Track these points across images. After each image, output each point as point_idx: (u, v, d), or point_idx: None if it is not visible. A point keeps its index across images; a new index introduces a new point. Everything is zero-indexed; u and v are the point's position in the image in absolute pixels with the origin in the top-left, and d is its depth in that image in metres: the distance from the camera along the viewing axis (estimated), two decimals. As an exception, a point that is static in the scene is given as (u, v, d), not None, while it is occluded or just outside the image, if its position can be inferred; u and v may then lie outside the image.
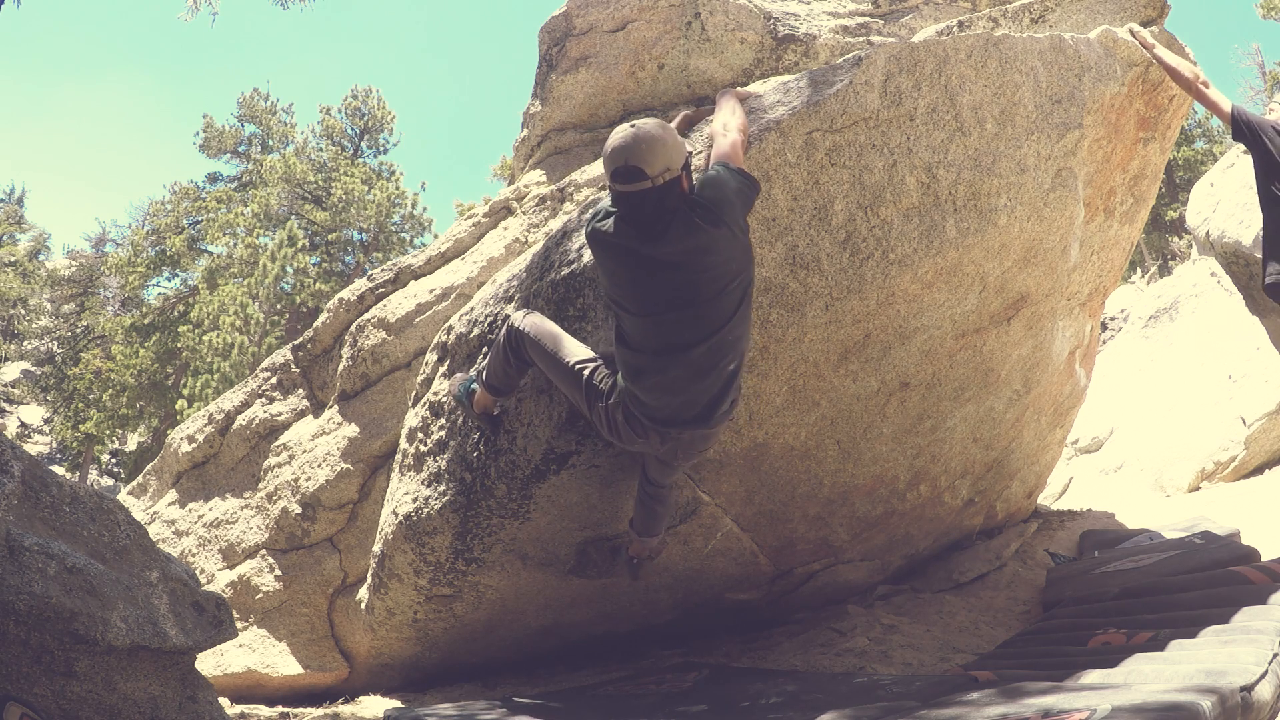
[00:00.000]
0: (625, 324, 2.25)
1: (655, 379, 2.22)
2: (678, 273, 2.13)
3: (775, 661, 3.50)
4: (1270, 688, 2.08)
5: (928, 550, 4.42)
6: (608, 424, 2.38)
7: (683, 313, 2.16)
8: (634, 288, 2.18)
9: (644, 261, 2.14)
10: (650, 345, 2.21)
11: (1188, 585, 3.35)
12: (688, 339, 2.18)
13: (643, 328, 2.20)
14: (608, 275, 2.26)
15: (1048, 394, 4.09)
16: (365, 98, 23.99)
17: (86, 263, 26.44)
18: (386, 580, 3.54)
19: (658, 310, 2.17)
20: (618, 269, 2.20)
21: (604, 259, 2.24)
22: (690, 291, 2.15)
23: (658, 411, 2.27)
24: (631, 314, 2.21)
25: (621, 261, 2.18)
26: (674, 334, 2.18)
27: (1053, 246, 3.20)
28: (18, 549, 1.74)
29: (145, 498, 5.33)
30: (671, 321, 2.17)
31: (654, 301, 2.17)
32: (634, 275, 2.17)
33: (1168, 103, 3.59)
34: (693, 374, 2.22)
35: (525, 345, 2.50)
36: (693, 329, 2.18)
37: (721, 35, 4.98)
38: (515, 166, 6.00)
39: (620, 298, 2.23)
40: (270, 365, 5.10)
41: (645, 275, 2.15)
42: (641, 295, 2.18)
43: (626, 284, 2.19)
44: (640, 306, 2.18)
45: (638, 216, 2.12)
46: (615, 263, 2.20)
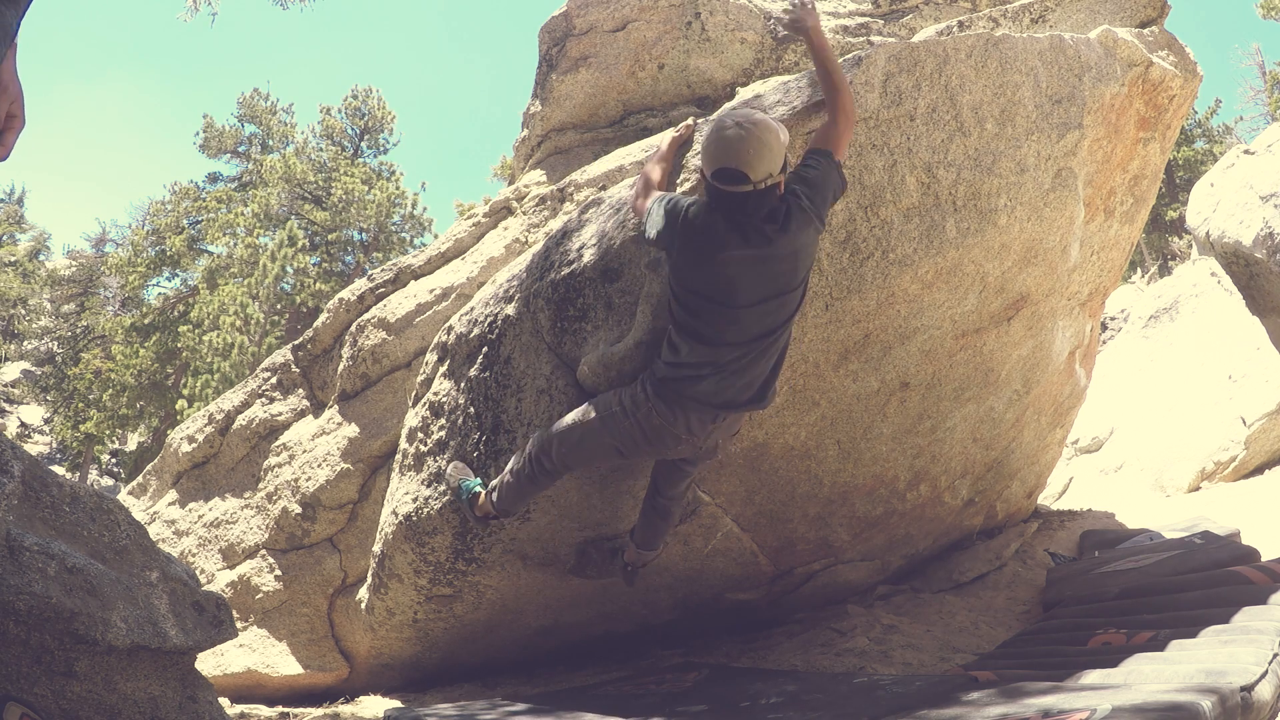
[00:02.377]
0: (707, 322, 2.20)
1: (721, 365, 2.22)
2: (769, 266, 2.14)
3: (775, 661, 3.50)
4: (1270, 688, 2.08)
5: (928, 550, 4.42)
6: (642, 433, 2.38)
7: (769, 303, 2.18)
8: (723, 282, 2.15)
9: (737, 257, 2.12)
10: (733, 337, 2.20)
11: (1188, 585, 3.35)
12: (769, 326, 2.21)
13: (727, 320, 2.18)
14: (689, 265, 2.19)
15: (1048, 394, 4.09)
16: (365, 98, 23.99)
17: (86, 263, 26.44)
18: (386, 580, 3.54)
19: (748, 303, 2.16)
20: (704, 262, 2.16)
21: (690, 250, 2.18)
22: (779, 283, 2.17)
23: (714, 396, 2.25)
24: (717, 306, 2.17)
25: (711, 255, 2.14)
26: (759, 324, 2.19)
27: (1053, 246, 3.20)
28: (18, 549, 1.74)
29: (145, 498, 5.33)
30: (759, 313, 2.18)
31: (746, 294, 2.15)
32: (724, 269, 2.14)
33: (1168, 103, 3.59)
34: (756, 358, 2.24)
35: (553, 445, 2.53)
36: (774, 317, 2.21)
37: (722, 35, 4.98)
38: (515, 166, 6.00)
39: (703, 289, 2.18)
40: (270, 365, 5.10)
41: (738, 270, 2.13)
42: (732, 289, 2.15)
43: (713, 277, 2.15)
44: (730, 299, 2.16)
45: (734, 214, 2.12)
46: (703, 256, 2.15)
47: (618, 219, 2.77)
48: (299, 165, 21.01)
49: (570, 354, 2.84)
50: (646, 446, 2.43)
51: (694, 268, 2.19)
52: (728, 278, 2.15)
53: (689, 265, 2.19)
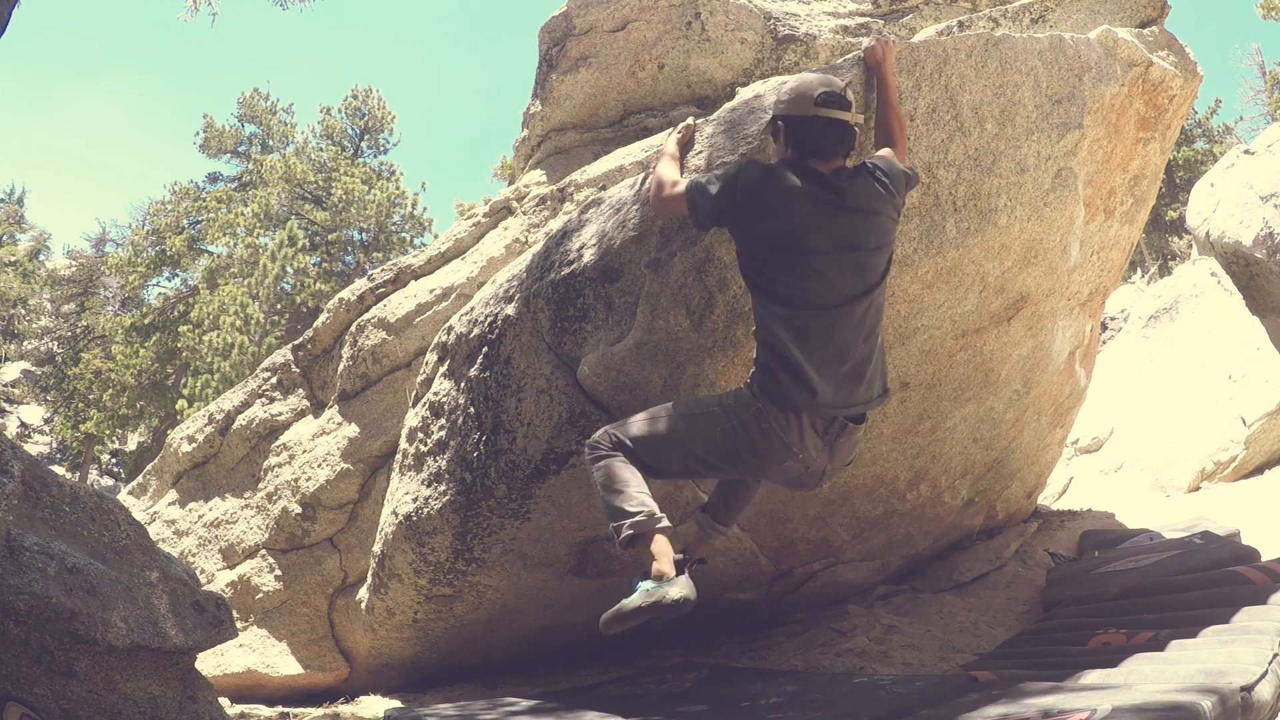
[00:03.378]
0: (785, 279, 2.08)
1: (821, 339, 2.06)
2: (852, 215, 2.07)
3: (775, 661, 3.50)
4: (1270, 688, 2.08)
5: (928, 550, 4.42)
6: (747, 438, 2.12)
7: (851, 255, 2.08)
8: (804, 235, 2.06)
9: (821, 204, 2.06)
10: (814, 298, 2.06)
11: (1188, 585, 3.35)
12: (853, 288, 2.08)
13: (810, 275, 2.06)
14: (755, 219, 2.10)
15: (1048, 394, 4.09)
16: (365, 98, 23.99)
17: (86, 263, 26.44)
18: (386, 580, 3.54)
19: (829, 250, 2.06)
20: (770, 211, 2.08)
21: (754, 204, 2.09)
22: (860, 235, 2.09)
23: (825, 389, 2.07)
24: (788, 254, 2.07)
25: (778, 200, 2.07)
26: (841, 281, 2.07)
27: (1053, 246, 3.20)
28: (18, 549, 1.74)
29: (145, 498, 5.33)
30: (840, 266, 2.07)
31: (826, 242, 2.06)
32: (807, 222, 2.06)
33: (1168, 103, 3.59)
34: (855, 330, 2.10)
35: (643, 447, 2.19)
36: (857, 278, 2.09)
37: (721, 35, 4.98)
38: (515, 166, 6.00)
39: (770, 237, 2.09)
40: (270, 365, 5.10)
41: (819, 220, 2.06)
42: (811, 240, 2.06)
43: (796, 232, 2.06)
44: (800, 243, 2.06)
45: (829, 153, 2.10)
46: (767, 205, 2.08)
47: (618, 219, 2.77)
48: (299, 165, 21.01)
49: (570, 354, 2.84)
50: (751, 459, 2.17)
51: (759, 219, 2.09)
52: (795, 221, 2.06)
53: (754, 220, 2.10)
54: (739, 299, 2.58)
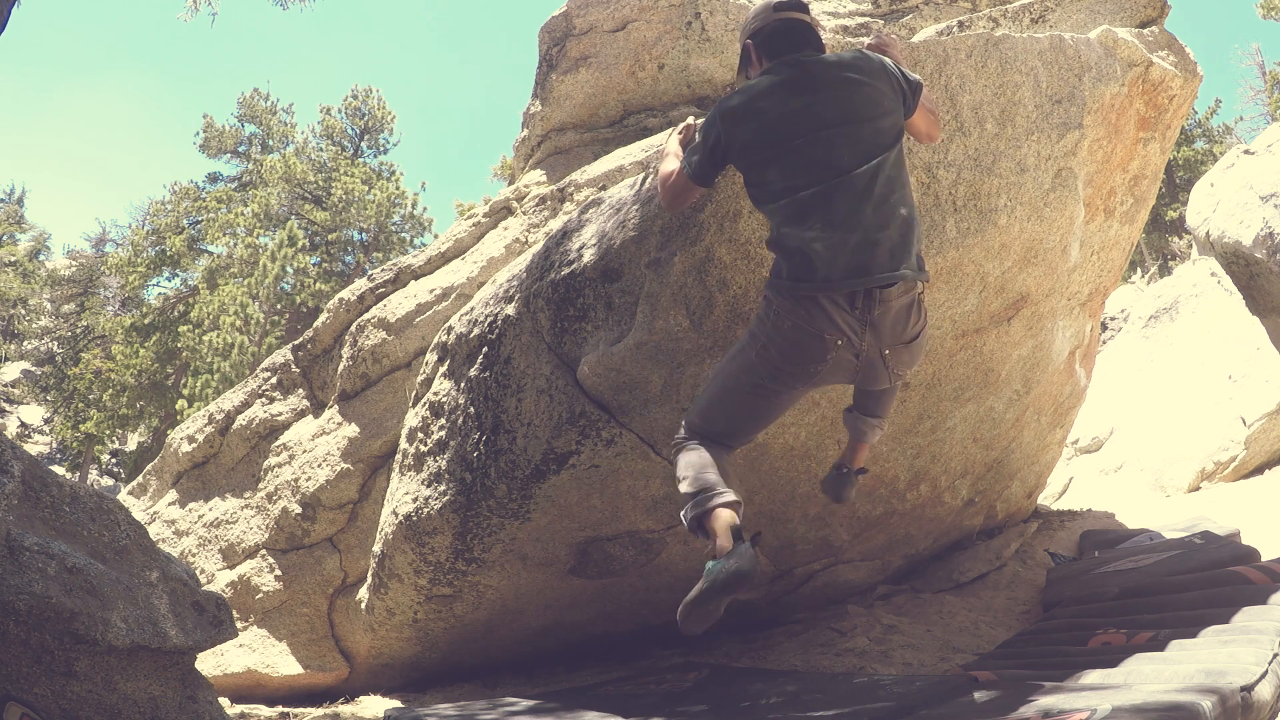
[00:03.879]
0: (777, 174, 2.04)
1: (821, 214, 1.96)
2: (834, 89, 2.03)
3: (775, 661, 3.50)
4: (1270, 688, 2.09)
5: (928, 550, 4.42)
6: (780, 348, 2.04)
7: (842, 129, 2.00)
8: (786, 121, 2.02)
9: (797, 88, 2.04)
10: (807, 176, 1.99)
11: (1188, 585, 3.35)
12: (847, 160, 1.99)
13: (798, 159, 2.01)
14: (743, 132, 2.07)
15: (1048, 394, 4.09)
16: (365, 98, 23.99)
17: (86, 263, 26.44)
18: (386, 580, 3.54)
19: (811, 130, 2.00)
20: (753, 114, 2.05)
21: (737, 120, 2.08)
22: (847, 106, 2.02)
23: (834, 262, 1.94)
24: (784, 147, 2.02)
25: (772, 101, 2.04)
26: (833, 156, 1.99)
27: (1053, 246, 3.20)
28: (18, 549, 1.74)
29: (145, 498, 5.33)
30: (829, 142, 2.00)
31: (809, 122, 2.01)
32: (786, 108, 2.03)
33: (1168, 103, 3.59)
34: (860, 199, 1.97)
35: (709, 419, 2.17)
36: (852, 149, 2.00)
37: (721, 35, 4.98)
38: (515, 166, 6.00)
39: (769, 138, 2.04)
40: (270, 365, 5.10)
41: (798, 103, 2.02)
42: (794, 123, 2.02)
43: (777, 121, 2.03)
44: (793, 132, 2.01)
45: (794, 45, 2.13)
46: (749, 112, 2.06)
47: (618, 219, 2.77)
48: (299, 165, 21.01)
49: (570, 354, 2.84)
50: (792, 365, 2.05)
51: (743, 130, 2.07)
52: (773, 113, 2.03)
53: (741, 134, 2.07)
54: (739, 299, 2.58)
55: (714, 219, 2.52)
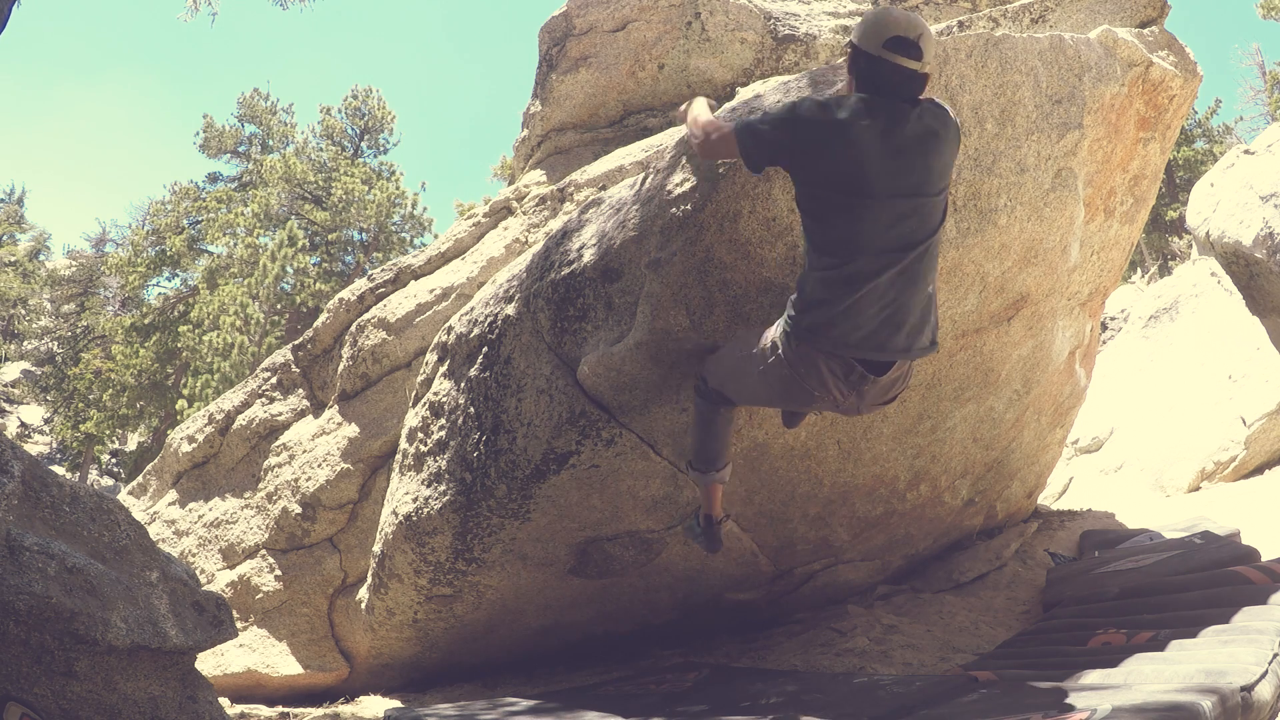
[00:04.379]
0: (842, 219, 2.00)
1: (867, 286, 1.98)
2: (916, 157, 2.00)
3: (775, 661, 3.50)
4: (1270, 688, 2.08)
5: (928, 550, 4.42)
6: (779, 379, 2.15)
7: (912, 201, 2.00)
8: (869, 169, 1.97)
9: (890, 141, 1.97)
10: (873, 243, 1.98)
11: (1188, 585, 3.35)
12: (910, 236, 2.01)
13: (868, 219, 1.98)
14: (814, 155, 2.01)
15: (1048, 394, 4.09)
16: (365, 98, 23.99)
17: (86, 263, 26.43)
18: (386, 580, 3.54)
19: (890, 195, 1.98)
20: (829, 147, 1.99)
21: (813, 139, 2.00)
22: (922, 178, 2.01)
23: (857, 334, 2.01)
24: (859, 199, 1.98)
25: (858, 143, 1.97)
26: (899, 227, 2.00)
27: (1053, 246, 3.20)
28: (18, 549, 1.74)
29: (145, 498, 5.33)
30: (900, 211, 2.00)
31: (888, 184, 1.98)
32: (871, 157, 1.97)
33: (1168, 103, 3.59)
34: (906, 283, 2.02)
35: (709, 375, 2.40)
36: (916, 225, 2.02)
37: (721, 35, 4.98)
38: (515, 166, 6.00)
39: (845, 185, 1.99)
40: (270, 365, 5.10)
41: (887, 160, 1.97)
42: (877, 176, 1.97)
43: (860, 167, 1.97)
44: (873, 188, 1.97)
45: (895, 95, 2.01)
46: (849, 145, 1.97)
47: (618, 219, 2.77)
48: (299, 165, 21.01)
49: (570, 354, 2.84)
50: (784, 397, 2.24)
51: (819, 156, 2.01)
52: (855, 158, 1.96)
53: (814, 157, 2.01)
54: (739, 299, 2.58)
55: (714, 219, 2.52)
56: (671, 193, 2.58)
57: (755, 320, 2.61)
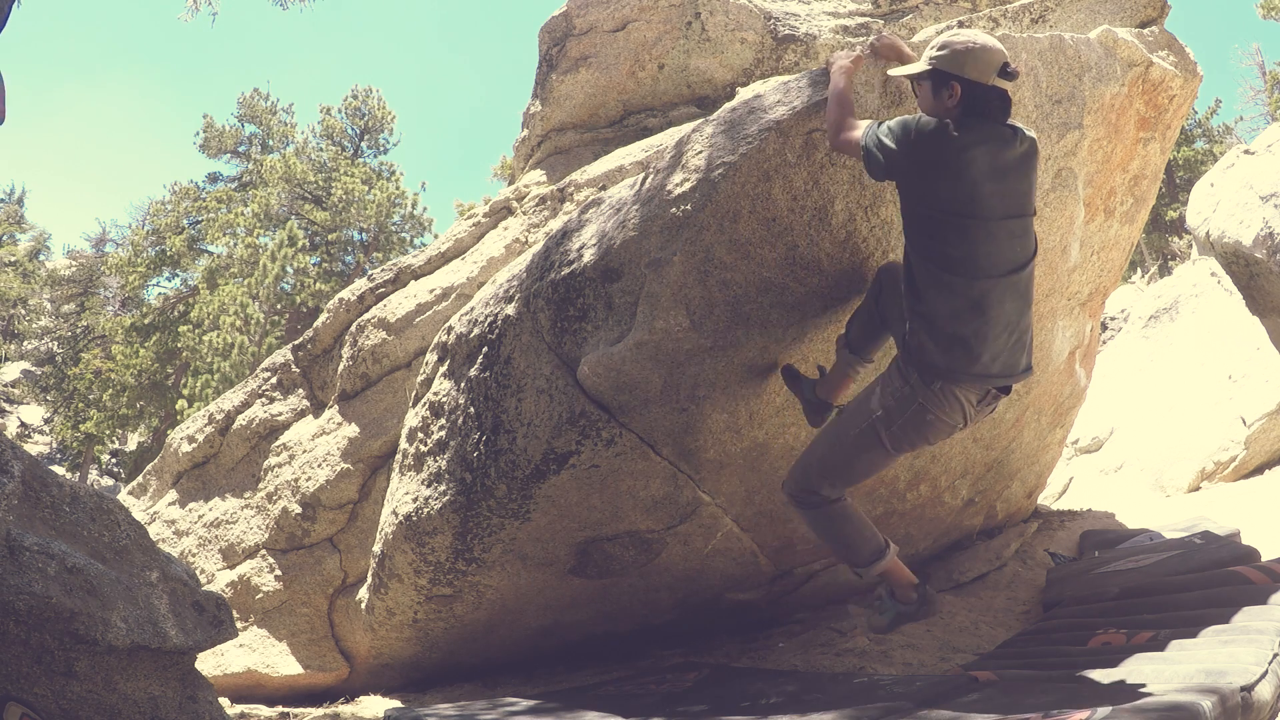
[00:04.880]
0: (960, 245, 2.04)
1: (994, 311, 2.04)
2: (1020, 179, 2.08)
3: (775, 661, 3.50)
4: (1270, 688, 2.08)
5: (928, 550, 4.42)
6: (916, 429, 2.18)
7: (1013, 222, 2.07)
8: (966, 187, 2.02)
9: (999, 164, 2.04)
10: (993, 265, 2.04)
11: (1188, 585, 3.35)
12: (1020, 255, 2.08)
13: (985, 240, 2.03)
14: (930, 179, 2.05)
15: (1048, 394, 4.09)
16: (365, 98, 23.98)
17: (86, 263, 26.43)
18: (386, 580, 3.54)
19: (1001, 215, 2.04)
20: (945, 170, 2.03)
21: (928, 161, 2.04)
22: (1025, 199, 2.09)
23: (997, 363, 2.07)
24: (975, 222, 2.03)
25: (973, 166, 2.02)
26: (1012, 247, 2.07)
27: (1053, 246, 3.20)
28: (18, 549, 1.74)
29: (145, 498, 5.33)
30: (1010, 232, 2.07)
31: (999, 205, 2.04)
32: (985, 180, 2.02)
33: (1168, 103, 3.59)
34: (1022, 303, 2.11)
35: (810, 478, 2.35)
36: (1023, 244, 2.09)
37: (721, 35, 4.98)
38: (515, 166, 6.00)
39: (961, 206, 2.03)
40: (270, 365, 5.10)
41: (996, 178, 2.03)
42: (976, 195, 2.02)
43: (955, 185, 2.02)
44: (987, 209, 2.03)
45: (995, 117, 2.09)
46: (943, 162, 2.02)
47: (618, 219, 2.77)
48: (299, 165, 20.99)
49: (570, 354, 2.84)
50: (920, 444, 2.25)
51: (935, 179, 2.04)
52: (971, 181, 2.01)
53: (929, 179, 2.05)
54: (739, 299, 2.58)
55: (714, 219, 2.52)
56: (671, 193, 2.58)
57: (755, 320, 2.61)
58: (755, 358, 2.69)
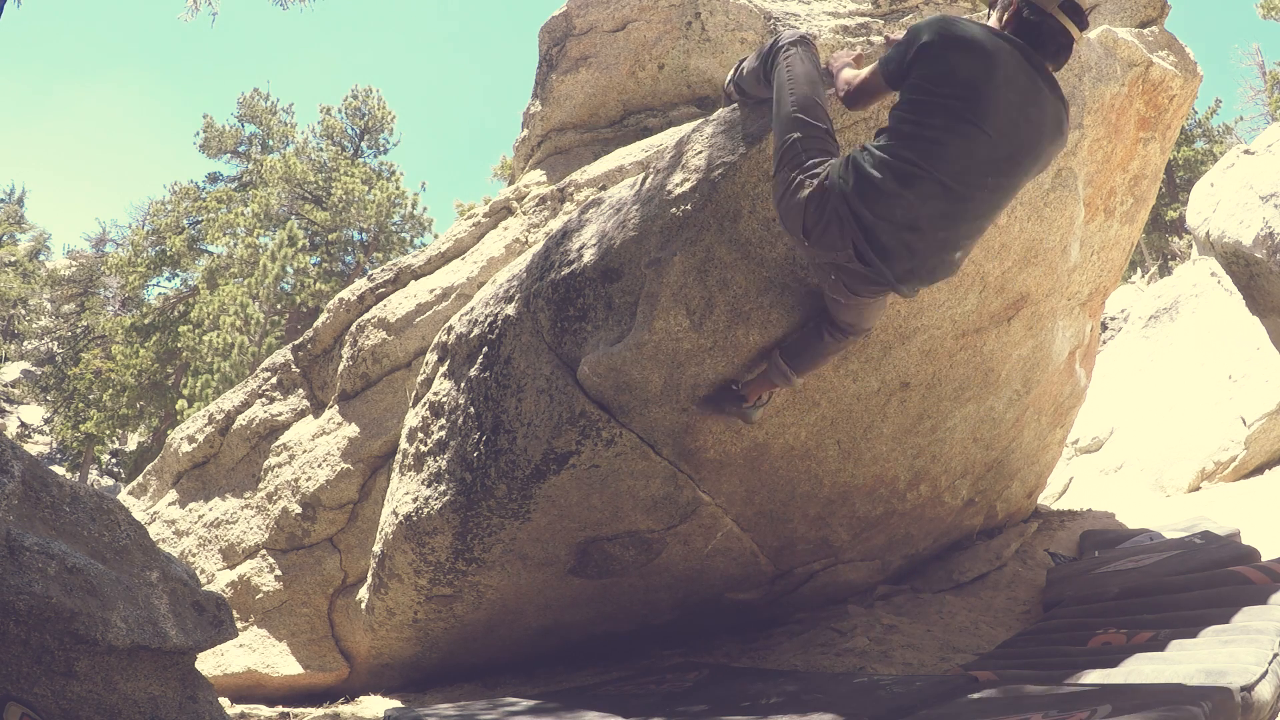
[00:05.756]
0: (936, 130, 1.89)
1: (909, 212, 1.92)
2: (1034, 124, 1.95)
3: (775, 661, 3.50)
4: (1270, 688, 2.09)
5: (928, 550, 4.42)
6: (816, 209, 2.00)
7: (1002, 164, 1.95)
8: (991, 97, 1.87)
9: (1023, 82, 1.91)
10: (945, 172, 1.90)
11: (1188, 585, 3.35)
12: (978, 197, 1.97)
13: (957, 144, 1.89)
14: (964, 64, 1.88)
15: (1048, 394, 4.09)
16: (365, 98, 23.98)
17: (86, 263, 26.43)
18: (387, 580, 3.54)
19: (993, 133, 1.89)
20: (986, 65, 1.88)
21: (974, 49, 1.89)
22: (1024, 151, 1.97)
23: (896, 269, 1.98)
24: (963, 120, 1.88)
25: (996, 63, 1.88)
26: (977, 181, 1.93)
27: (1053, 246, 3.20)
28: (18, 549, 1.74)
29: (145, 498, 5.33)
30: (985, 166, 1.93)
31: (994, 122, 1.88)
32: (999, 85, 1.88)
33: (1168, 103, 3.59)
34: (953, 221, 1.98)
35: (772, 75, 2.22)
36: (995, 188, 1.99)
37: (721, 35, 4.98)
38: (515, 166, 6.00)
39: (962, 93, 1.88)
40: (270, 365, 5.10)
41: (1012, 97, 1.89)
42: (992, 111, 1.88)
43: (984, 87, 1.87)
44: (984, 119, 1.88)
45: (1047, 54, 1.95)
46: (987, 59, 1.88)
47: (618, 219, 2.77)
48: (299, 165, 20.99)
49: (570, 354, 2.84)
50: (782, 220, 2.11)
51: (955, 57, 1.89)
52: (987, 81, 1.87)
53: (948, 57, 1.89)
54: (739, 299, 2.58)
55: (714, 219, 2.52)
56: (671, 193, 2.58)
57: (755, 320, 2.61)
58: (755, 358, 2.70)
